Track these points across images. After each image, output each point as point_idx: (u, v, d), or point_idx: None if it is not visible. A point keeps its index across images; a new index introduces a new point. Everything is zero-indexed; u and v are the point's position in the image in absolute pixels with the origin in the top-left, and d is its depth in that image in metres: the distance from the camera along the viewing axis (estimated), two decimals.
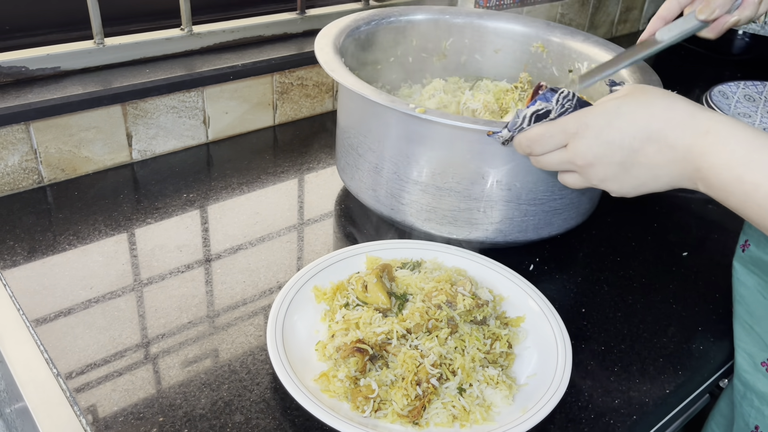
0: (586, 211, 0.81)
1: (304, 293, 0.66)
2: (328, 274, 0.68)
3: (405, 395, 0.55)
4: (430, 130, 0.70)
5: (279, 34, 1.06)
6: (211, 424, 0.55)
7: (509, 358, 0.62)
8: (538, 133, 0.57)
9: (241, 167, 0.93)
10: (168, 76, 0.90)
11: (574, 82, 0.67)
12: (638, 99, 0.53)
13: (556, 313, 0.65)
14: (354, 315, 0.63)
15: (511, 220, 0.74)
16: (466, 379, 0.58)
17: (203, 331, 0.65)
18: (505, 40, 0.99)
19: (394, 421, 0.55)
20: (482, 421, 0.55)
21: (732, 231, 0.88)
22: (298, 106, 1.07)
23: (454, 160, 0.71)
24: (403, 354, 0.58)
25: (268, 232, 0.80)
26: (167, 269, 0.72)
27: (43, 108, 0.81)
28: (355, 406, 0.55)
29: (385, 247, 0.72)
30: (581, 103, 0.56)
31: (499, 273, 0.71)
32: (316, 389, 0.57)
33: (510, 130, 0.59)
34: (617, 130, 0.53)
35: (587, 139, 0.54)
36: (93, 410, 0.56)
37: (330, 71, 0.73)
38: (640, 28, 1.71)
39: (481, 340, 0.61)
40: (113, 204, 0.82)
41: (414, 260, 0.71)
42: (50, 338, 0.62)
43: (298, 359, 0.59)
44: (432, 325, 0.61)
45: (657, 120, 0.52)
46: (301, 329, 0.63)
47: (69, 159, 0.86)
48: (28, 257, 0.72)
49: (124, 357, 0.61)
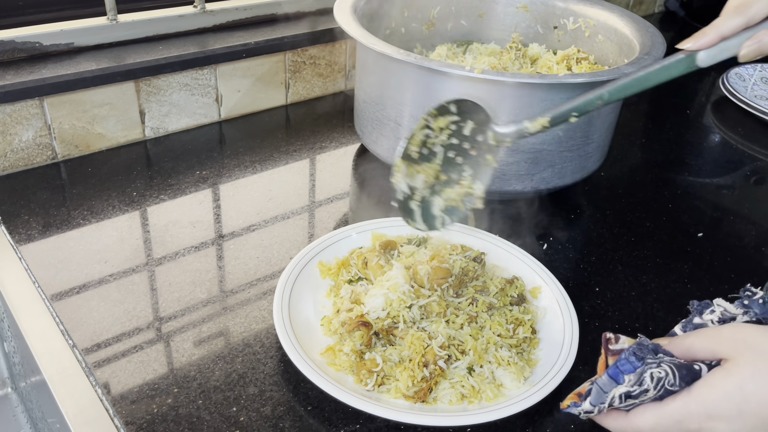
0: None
1: (309, 269, 0.66)
2: (334, 251, 0.69)
3: (411, 377, 0.55)
4: (480, 90, 0.72)
5: (292, 12, 1.05)
6: (225, 396, 0.55)
7: (533, 343, 0.61)
8: (648, 425, 0.47)
9: (253, 145, 0.93)
10: (181, 53, 0.90)
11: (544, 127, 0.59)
12: (760, 371, 0.43)
13: (562, 288, 0.65)
14: (359, 290, 0.63)
15: (552, 168, 0.79)
16: (478, 360, 0.57)
17: (217, 305, 0.65)
18: (488, 4, 1.02)
19: (398, 397, 0.55)
20: (493, 398, 0.55)
21: (746, 216, 0.87)
22: (310, 86, 1.06)
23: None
24: (411, 336, 0.58)
25: (280, 209, 0.80)
26: (181, 245, 0.72)
27: (56, 83, 0.81)
28: (359, 378, 0.56)
29: (391, 224, 0.72)
30: (682, 374, 0.46)
31: (504, 249, 0.71)
32: (322, 362, 0.57)
33: (594, 404, 0.49)
34: (756, 417, 0.43)
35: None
36: (109, 381, 0.56)
37: (371, 45, 0.74)
38: (656, 11, 1.69)
39: (504, 326, 0.60)
40: (126, 180, 0.83)
41: (420, 237, 0.71)
42: (66, 311, 0.63)
43: (305, 334, 0.59)
44: (450, 313, 0.60)
45: None
46: (308, 304, 0.63)
47: (83, 135, 0.86)
48: (43, 232, 0.73)
49: (139, 330, 0.61)
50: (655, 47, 0.81)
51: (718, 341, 0.46)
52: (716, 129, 1.12)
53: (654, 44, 0.82)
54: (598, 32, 0.93)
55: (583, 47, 0.93)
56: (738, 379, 0.44)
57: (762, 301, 0.52)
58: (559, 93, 0.73)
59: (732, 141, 1.08)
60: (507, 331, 0.60)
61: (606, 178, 0.93)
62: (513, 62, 0.89)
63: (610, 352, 0.52)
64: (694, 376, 0.46)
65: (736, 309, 0.53)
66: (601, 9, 0.94)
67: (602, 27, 0.92)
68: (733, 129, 1.11)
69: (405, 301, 0.59)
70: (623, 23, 0.89)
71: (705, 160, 1.02)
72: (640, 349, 0.48)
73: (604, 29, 0.92)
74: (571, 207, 0.86)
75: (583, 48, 0.92)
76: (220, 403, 0.55)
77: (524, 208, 0.84)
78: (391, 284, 0.60)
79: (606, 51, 0.92)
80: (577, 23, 0.95)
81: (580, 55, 0.88)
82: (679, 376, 0.46)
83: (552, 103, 0.74)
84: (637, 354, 0.48)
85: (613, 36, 0.90)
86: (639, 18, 0.89)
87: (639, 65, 0.76)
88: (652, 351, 0.48)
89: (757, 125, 1.12)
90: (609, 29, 0.91)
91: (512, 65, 0.88)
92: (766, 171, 1.00)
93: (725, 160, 1.03)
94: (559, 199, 0.86)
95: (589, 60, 0.89)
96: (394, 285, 0.60)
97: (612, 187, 0.91)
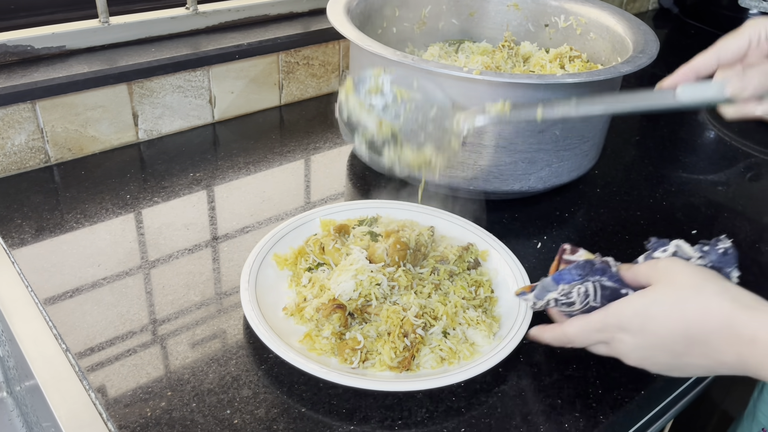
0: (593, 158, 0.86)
1: (267, 264, 0.67)
2: (288, 241, 0.69)
3: (393, 348, 0.57)
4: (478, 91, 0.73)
5: (285, 12, 1.05)
6: (219, 399, 0.55)
7: (492, 301, 0.65)
8: (574, 332, 0.54)
9: (247, 147, 0.93)
10: (173, 55, 0.90)
11: (505, 110, 0.63)
12: (667, 296, 0.50)
13: (507, 248, 0.70)
14: (321, 276, 0.64)
15: (549, 167, 0.79)
16: (450, 324, 0.60)
17: (211, 308, 0.65)
18: (479, 2, 1.02)
19: (383, 370, 0.57)
20: (470, 356, 0.59)
21: (741, 212, 0.87)
22: (304, 86, 1.06)
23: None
24: (386, 310, 0.60)
25: (274, 210, 0.80)
26: (174, 247, 0.72)
27: (49, 87, 0.80)
28: (343, 358, 0.57)
29: (337, 210, 0.74)
30: (605, 294, 0.54)
31: (450, 221, 0.74)
32: (303, 350, 0.58)
33: (537, 298, 0.57)
34: (654, 336, 0.50)
35: (626, 344, 0.51)
36: (102, 385, 0.56)
37: (366, 47, 0.74)
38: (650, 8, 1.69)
39: (466, 289, 0.64)
40: (120, 183, 0.82)
41: (370, 216, 0.73)
42: (59, 315, 0.63)
43: (279, 326, 0.60)
44: (416, 284, 0.63)
45: (694, 327, 0.48)
46: (274, 298, 0.64)
47: (76, 138, 0.86)
48: (36, 236, 0.73)
49: (132, 333, 0.61)
50: (648, 45, 0.81)
51: (653, 269, 0.52)
52: (711, 126, 1.12)
53: (647, 42, 0.82)
54: (589, 30, 0.93)
55: (575, 45, 0.93)
56: (648, 300, 0.50)
57: (723, 251, 0.55)
58: (556, 93, 0.73)
59: (726, 138, 1.08)
60: (470, 294, 0.64)
61: (600, 176, 0.93)
62: (506, 61, 0.89)
63: (563, 261, 0.58)
64: (616, 297, 0.53)
65: (694, 252, 0.56)
66: (592, 6, 0.94)
67: (594, 25, 0.92)
68: (727, 125, 1.11)
69: (376, 278, 0.61)
70: (615, 21, 0.89)
71: (699, 157, 1.02)
72: (585, 266, 0.54)
73: (595, 27, 0.92)
74: (566, 205, 0.85)
75: (575, 46, 0.92)
76: (214, 406, 0.55)
77: (519, 206, 0.84)
78: (358, 267, 0.62)
79: (598, 49, 0.92)
80: (568, 21, 0.95)
81: (573, 53, 0.88)
82: (601, 296, 0.54)
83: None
84: (582, 270, 0.54)
85: (605, 34, 0.90)
86: (631, 16, 0.89)
87: (634, 64, 0.75)
88: (598, 271, 0.54)
89: (751, 122, 1.12)
90: (601, 27, 0.91)
91: (505, 64, 0.88)
92: (761, 167, 1.00)
93: (719, 157, 1.03)
94: (554, 197, 0.86)
95: (582, 58, 0.89)
96: (362, 267, 0.62)
97: (606, 185, 0.91)
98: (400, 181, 0.86)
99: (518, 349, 0.60)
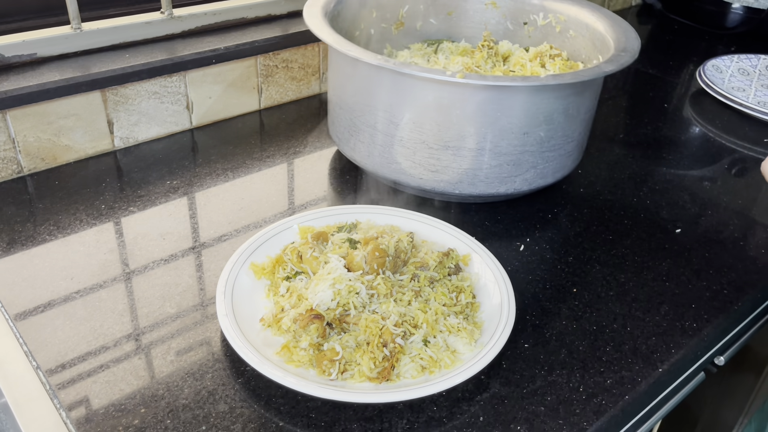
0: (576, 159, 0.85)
1: (244, 273, 0.65)
2: (266, 250, 0.68)
3: (372, 358, 0.56)
4: (462, 94, 0.71)
5: (263, 15, 1.03)
6: (194, 414, 0.54)
7: (474, 307, 0.64)
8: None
9: (226, 153, 0.91)
10: (148, 61, 0.88)
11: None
12: None
13: (488, 252, 0.69)
14: (299, 285, 0.63)
15: (534, 168, 0.78)
16: (431, 332, 0.59)
17: (187, 320, 0.63)
18: (457, 1, 1.01)
19: (363, 381, 0.56)
20: (451, 364, 0.57)
21: (726, 207, 0.87)
22: (283, 90, 1.05)
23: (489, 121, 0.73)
24: (365, 320, 0.59)
25: (254, 217, 0.78)
26: (150, 258, 0.71)
27: (19, 96, 0.79)
28: (321, 370, 0.56)
29: (316, 216, 0.73)
30: None
31: (430, 225, 0.73)
32: (280, 362, 0.57)
33: None
34: None
35: None
36: (73, 403, 0.54)
37: (346, 51, 0.73)
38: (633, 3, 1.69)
39: (447, 295, 0.63)
40: (95, 193, 0.81)
41: (349, 222, 0.71)
42: (30, 331, 0.61)
43: (256, 338, 0.58)
44: (396, 292, 0.62)
45: None
46: (250, 309, 0.62)
47: (49, 148, 0.84)
48: (7, 249, 0.71)
49: (105, 348, 0.60)
50: (629, 42, 0.80)
51: None
52: (695, 122, 1.11)
53: (628, 39, 0.81)
54: (569, 28, 0.92)
55: (554, 43, 0.92)
56: None
57: None
58: (541, 94, 0.72)
59: (711, 133, 1.07)
60: (451, 300, 0.63)
61: (583, 175, 0.92)
62: (486, 61, 0.87)
63: None
64: None
65: None
66: (571, 4, 0.93)
67: (573, 22, 0.91)
68: (711, 121, 1.10)
69: (354, 287, 0.60)
70: (594, 18, 0.88)
71: (683, 154, 1.01)
72: None
73: (575, 25, 0.91)
74: (549, 206, 0.85)
75: (554, 44, 0.91)
76: (189, 422, 0.53)
77: (502, 208, 0.83)
78: (336, 276, 0.60)
79: (578, 47, 0.91)
80: (547, 19, 0.94)
81: (553, 51, 0.87)
82: None
83: (534, 105, 0.72)
84: None
85: (584, 31, 0.89)
86: (610, 13, 0.88)
87: (617, 63, 0.75)
88: None
89: (735, 117, 1.12)
90: (580, 24, 0.90)
91: (485, 64, 0.87)
92: (746, 162, 0.99)
93: (704, 153, 1.02)
94: (537, 198, 0.85)
95: (562, 56, 0.88)
96: (340, 276, 0.60)
97: (589, 185, 0.90)
98: (382, 184, 0.85)
99: (500, 356, 0.59)
